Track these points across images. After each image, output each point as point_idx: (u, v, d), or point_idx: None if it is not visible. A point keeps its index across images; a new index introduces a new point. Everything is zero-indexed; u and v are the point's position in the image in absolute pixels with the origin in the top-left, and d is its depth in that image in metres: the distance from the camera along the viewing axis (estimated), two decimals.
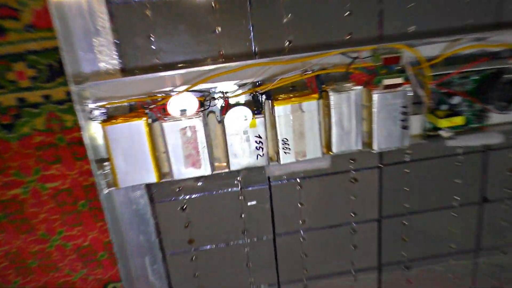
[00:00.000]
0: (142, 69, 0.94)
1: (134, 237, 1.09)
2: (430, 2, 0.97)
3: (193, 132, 0.94)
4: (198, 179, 1.06)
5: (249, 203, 1.09)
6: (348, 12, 0.95)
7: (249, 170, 1.06)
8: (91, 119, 0.91)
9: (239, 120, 0.93)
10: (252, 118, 0.95)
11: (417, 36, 0.98)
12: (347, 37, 0.97)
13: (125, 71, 0.94)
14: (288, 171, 1.06)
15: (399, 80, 0.94)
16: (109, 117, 0.93)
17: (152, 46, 0.93)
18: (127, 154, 0.94)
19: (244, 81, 0.94)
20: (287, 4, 0.93)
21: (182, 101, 0.91)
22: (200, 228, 1.10)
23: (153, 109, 0.91)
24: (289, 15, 0.94)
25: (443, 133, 1.04)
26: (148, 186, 1.04)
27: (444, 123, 1.00)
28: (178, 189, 1.05)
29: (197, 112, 0.93)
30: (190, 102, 0.91)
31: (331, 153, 1.01)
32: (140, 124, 0.92)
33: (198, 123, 0.93)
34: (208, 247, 1.13)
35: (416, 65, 0.96)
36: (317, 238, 1.16)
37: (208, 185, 1.06)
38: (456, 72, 0.98)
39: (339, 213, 1.14)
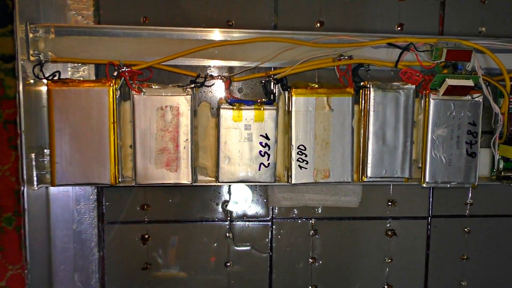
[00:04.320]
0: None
1: (66, 275, 0.75)
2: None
3: (175, 115, 0.67)
4: (170, 192, 0.74)
5: (238, 248, 0.76)
6: None
7: (244, 192, 0.75)
8: (37, 77, 0.65)
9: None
10: (260, 108, 0.68)
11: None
12: (397, 29, 0.74)
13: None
14: (300, 202, 0.75)
15: (468, 82, 0.68)
16: (62, 80, 0.67)
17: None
18: (76, 134, 0.66)
19: (255, 64, 0.69)
20: None
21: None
22: (164, 272, 0.75)
23: (125, 72, 0.66)
24: None
25: None
26: (99, 199, 0.73)
27: None
28: (141, 208, 0.74)
29: (185, 88, 0.67)
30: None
31: (364, 178, 0.70)
32: (103, 92, 0.65)
33: (183, 102, 0.66)
34: None
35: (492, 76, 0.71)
36: None
37: (182, 210, 0.74)
38: None
39: (365, 280, 0.79)
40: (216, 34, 0.69)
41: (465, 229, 0.79)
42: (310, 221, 0.77)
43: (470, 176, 0.71)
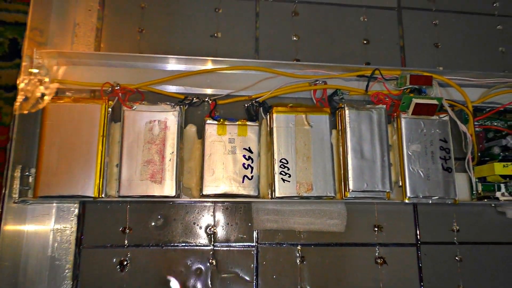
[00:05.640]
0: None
1: None
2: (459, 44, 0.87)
3: (162, 128, 0.70)
4: (152, 214, 0.73)
5: (223, 275, 0.72)
6: (365, 41, 0.85)
7: (228, 210, 0.74)
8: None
9: None
10: (243, 124, 0.72)
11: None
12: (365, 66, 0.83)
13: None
14: (285, 225, 0.74)
15: (433, 101, 0.74)
16: (58, 96, 0.71)
17: (138, 38, 0.80)
18: (65, 146, 0.68)
19: (228, 91, 0.75)
20: (298, 22, 0.84)
21: None
22: None
23: (118, 90, 0.71)
24: (298, 37, 0.83)
25: (501, 196, 0.76)
26: (80, 221, 0.71)
27: (500, 168, 0.73)
28: (122, 230, 0.72)
29: (173, 106, 0.72)
30: None
31: (347, 194, 0.71)
32: (95, 108, 0.70)
33: (171, 118, 0.71)
34: None
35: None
36: None
37: (165, 233, 0.72)
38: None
39: None
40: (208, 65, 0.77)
41: (456, 258, 0.77)
42: (297, 247, 0.74)
43: (450, 191, 0.72)
